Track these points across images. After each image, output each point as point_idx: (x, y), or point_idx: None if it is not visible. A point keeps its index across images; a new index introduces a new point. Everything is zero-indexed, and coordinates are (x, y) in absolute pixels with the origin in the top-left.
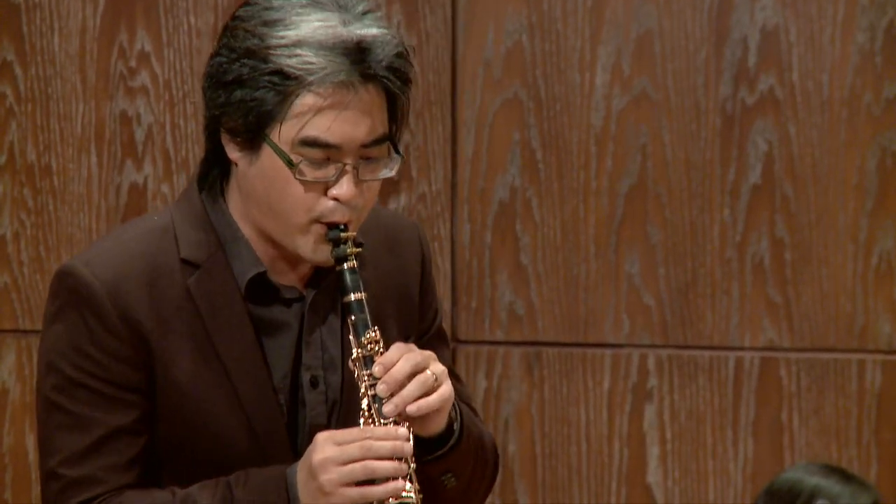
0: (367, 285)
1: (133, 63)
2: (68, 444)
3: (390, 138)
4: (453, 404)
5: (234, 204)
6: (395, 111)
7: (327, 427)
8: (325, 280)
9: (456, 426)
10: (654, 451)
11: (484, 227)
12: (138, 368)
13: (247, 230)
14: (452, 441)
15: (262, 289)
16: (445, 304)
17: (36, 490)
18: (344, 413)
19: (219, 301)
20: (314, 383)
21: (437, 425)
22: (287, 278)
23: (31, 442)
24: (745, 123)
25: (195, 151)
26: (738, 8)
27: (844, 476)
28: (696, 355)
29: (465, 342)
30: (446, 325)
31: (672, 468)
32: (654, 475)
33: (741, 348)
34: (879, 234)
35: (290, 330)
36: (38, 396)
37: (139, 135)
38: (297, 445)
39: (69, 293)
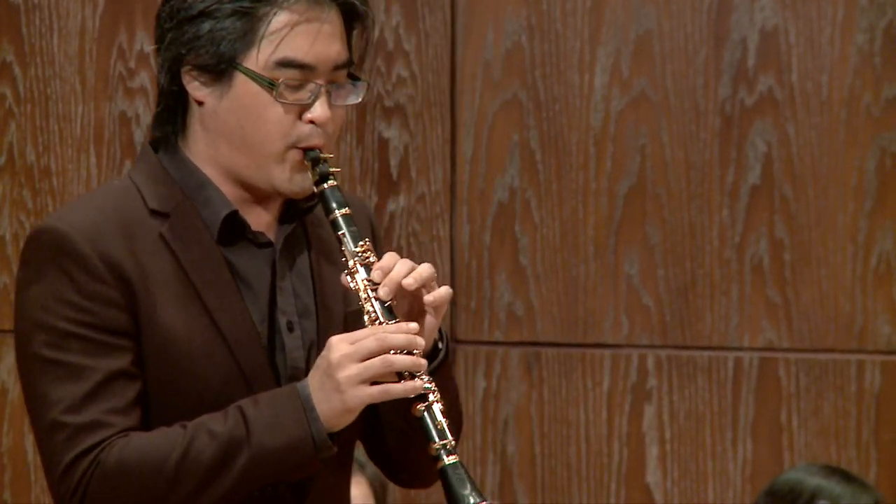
0: (322, 240)
1: (132, 64)
2: (68, 394)
3: (351, 64)
4: (439, 330)
5: (198, 150)
6: (352, 38)
7: (306, 371)
8: (293, 224)
9: (441, 345)
10: (653, 452)
11: (483, 227)
12: (125, 311)
13: (214, 175)
14: (441, 357)
15: (233, 234)
16: None
17: (35, 491)
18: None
19: (193, 245)
20: (290, 328)
21: (431, 333)
22: (255, 223)
23: (29, 442)
24: (745, 124)
25: None
26: (738, 9)
27: (845, 477)
28: (696, 356)
29: (465, 342)
30: (445, 326)
31: (671, 468)
32: (653, 475)
33: (740, 349)
34: (879, 234)
35: (263, 275)
36: (24, 362)
37: (138, 136)
38: (280, 386)
39: (45, 250)
